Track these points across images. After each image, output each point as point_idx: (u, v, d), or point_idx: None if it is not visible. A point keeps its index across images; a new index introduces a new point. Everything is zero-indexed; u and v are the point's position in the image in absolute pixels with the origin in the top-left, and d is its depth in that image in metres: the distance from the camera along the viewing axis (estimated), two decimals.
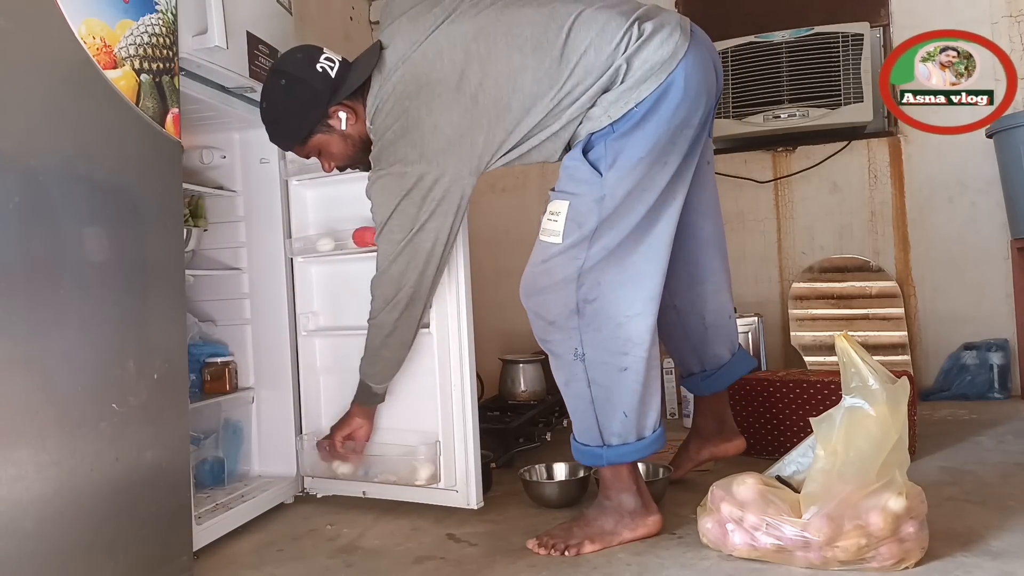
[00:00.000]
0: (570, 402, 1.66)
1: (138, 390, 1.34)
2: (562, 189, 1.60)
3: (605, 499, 1.66)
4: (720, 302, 1.91)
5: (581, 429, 1.67)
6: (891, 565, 1.36)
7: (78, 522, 1.22)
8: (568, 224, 1.57)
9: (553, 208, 1.59)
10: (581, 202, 1.56)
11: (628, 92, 1.54)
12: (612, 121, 1.54)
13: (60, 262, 1.20)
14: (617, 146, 1.54)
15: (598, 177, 1.54)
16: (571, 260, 1.57)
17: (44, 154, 1.18)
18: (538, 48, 1.57)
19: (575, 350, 1.59)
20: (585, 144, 1.57)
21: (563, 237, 1.57)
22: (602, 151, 1.55)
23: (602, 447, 1.63)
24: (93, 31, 1.26)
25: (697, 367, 1.96)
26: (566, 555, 1.55)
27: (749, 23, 3.25)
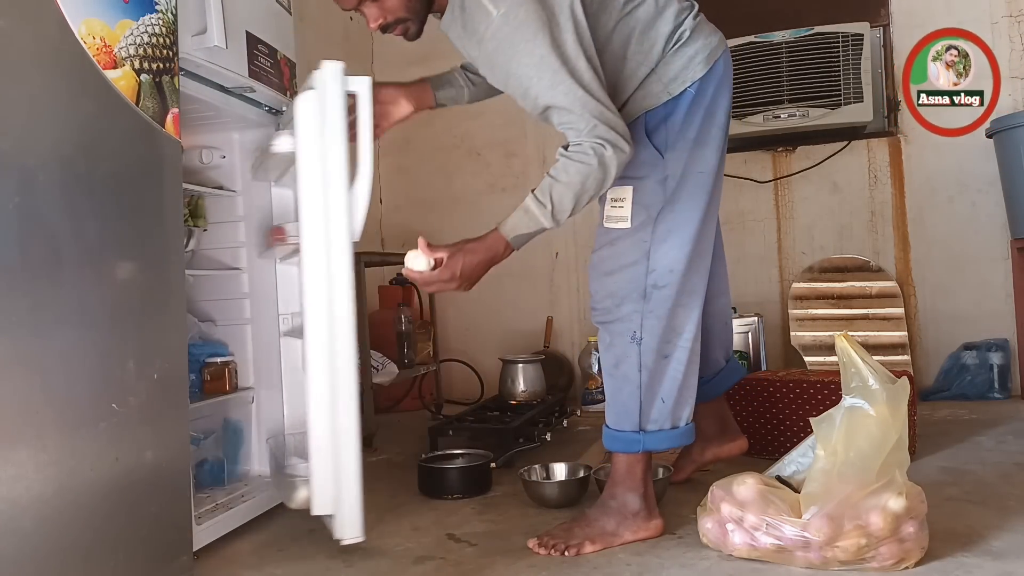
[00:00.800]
0: (615, 384, 1.65)
1: (138, 390, 1.34)
2: (623, 174, 1.53)
3: (610, 499, 1.66)
4: (721, 305, 1.93)
5: (619, 414, 1.65)
6: (891, 565, 1.36)
7: (78, 522, 1.22)
8: (636, 208, 1.58)
9: (616, 195, 1.59)
10: (645, 184, 1.58)
11: (684, 71, 1.57)
12: (670, 97, 1.57)
13: (60, 262, 1.20)
14: (676, 126, 1.57)
15: (660, 159, 1.57)
16: (639, 244, 1.59)
17: (44, 154, 1.18)
18: None
19: (634, 333, 1.60)
20: (646, 125, 1.58)
21: (631, 221, 1.59)
22: (663, 132, 1.57)
23: (639, 432, 1.63)
24: (93, 31, 1.26)
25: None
26: (566, 555, 1.55)
27: (749, 23, 3.24)
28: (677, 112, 1.57)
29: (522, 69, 1.47)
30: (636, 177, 1.58)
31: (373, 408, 2.64)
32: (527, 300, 3.62)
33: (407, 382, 3.30)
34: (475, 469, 2.06)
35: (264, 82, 1.82)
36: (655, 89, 1.58)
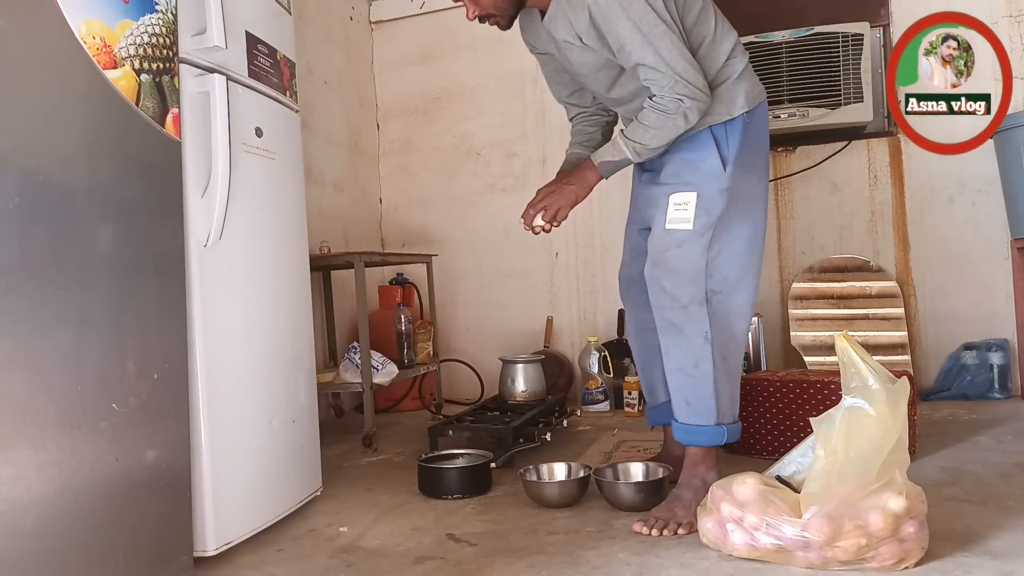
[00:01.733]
0: (691, 383, 1.76)
1: (138, 390, 1.34)
2: (684, 180, 1.75)
3: (693, 477, 1.75)
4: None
5: (699, 411, 1.76)
6: (891, 565, 1.36)
7: (78, 522, 1.22)
8: (698, 212, 1.72)
9: (679, 200, 1.74)
10: (708, 191, 1.73)
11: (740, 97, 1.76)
12: (730, 118, 1.74)
13: (60, 262, 1.20)
14: (735, 145, 1.74)
15: (722, 170, 1.73)
16: (702, 249, 1.73)
17: (44, 154, 1.18)
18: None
19: (706, 334, 1.73)
20: (714, 136, 1.74)
21: (694, 223, 1.72)
22: (725, 148, 1.74)
23: (720, 426, 1.76)
24: (93, 31, 1.26)
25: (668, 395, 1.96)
26: (679, 533, 1.62)
27: (749, 23, 3.24)
28: (734, 133, 1.74)
29: (619, 28, 1.65)
30: (698, 184, 1.74)
31: (373, 408, 2.64)
32: (527, 300, 3.62)
33: (407, 382, 3.30)
34: (475, 469, 2.06)
35: (264, 82, 1.82)
36: (717, 107, 1.74)
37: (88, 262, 1.26)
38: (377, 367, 2.70)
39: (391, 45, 3.87)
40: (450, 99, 3.75)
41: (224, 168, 1.59)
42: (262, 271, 1.80)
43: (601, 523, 1.75)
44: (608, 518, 1.78)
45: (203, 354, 1.57)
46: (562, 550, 1.60)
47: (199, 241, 1.57)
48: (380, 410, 3.24)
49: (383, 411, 3.31)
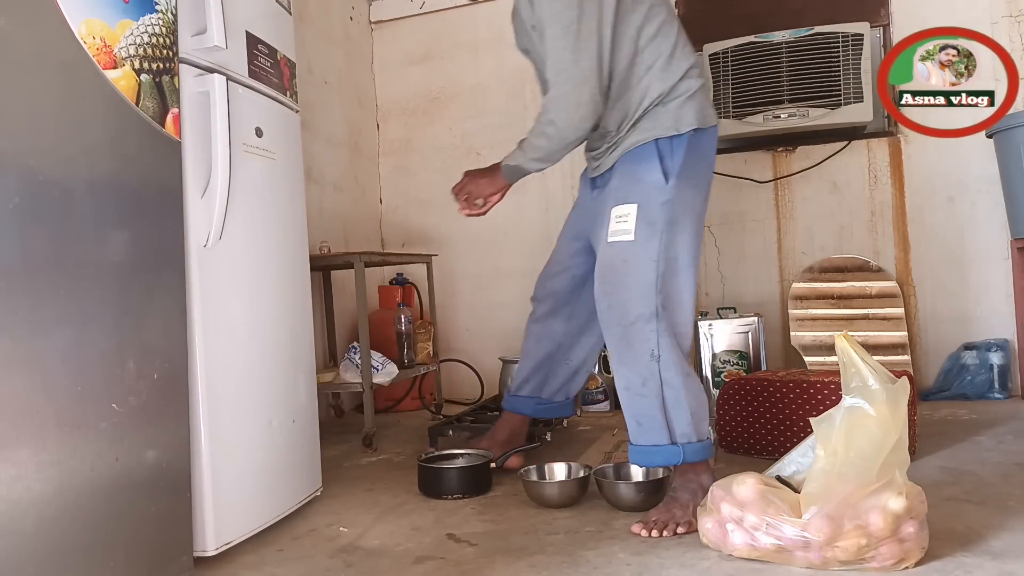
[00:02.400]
0: (640, 402, 1.75)
1: (138, 390, 1.34)
2: (627, 191, 1.76)
3: (688, 481, 1.74)
4: (591, 359, 2.22)
5: (652, 430, 1.74)
6: (891, 565, 1.36)
7: (78, 522, 1.22)
8: (640, 224, 1.72)
9: (620, 212, 1.74)
10: (649, 203, 1.73)
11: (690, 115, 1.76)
12: (677, 134, 1.74)
13: (60, 262, 1.20)
14: (679, 160, 1.74)
15: (665, 183, 1.72)
16: (651, 263, 1.71)
17: (44, 154, 1.18)
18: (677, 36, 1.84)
19: (652, 351, 1.71)
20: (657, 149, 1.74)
21: (635, 235, 1.71)
22: (670, 161, 1.73)
23: (675, 445, 1.73)
24: (93, 31, 1.26)
25: (537, 391, 2.21)
26: (677, 533, 1.62)
27: (749, 23, 3.25)
28: (680, 148, 1.74)
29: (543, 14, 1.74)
30: (642, 195, 1.73)
31: (373, 408, 2.64)
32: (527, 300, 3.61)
33: (407, 382, 3.30)
34: (475, 469, 2.06)
35: (264, 82, 1.82)
36: (666, 121, 1.75)
37: (88, 262, 1.26)
38: (377, 367, 2.70)
39: (391, 45, 3.87)
40: (450, 99, 3.75)
41: (224, 168, 1.59)
42: (262, 271, 1.80)
43: (601, 523, 1.75)
44: (608, 518, 1.78)
45: (203, 354, 1.57)
46: (562, 550, 1.60)
47: (199, 241, 1.57)
48: (380, 410, 3.24)
49: (383, 411, 3.31)
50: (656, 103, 1.76)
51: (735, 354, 3.02)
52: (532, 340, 2.21)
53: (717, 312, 3.11)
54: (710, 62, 3.23)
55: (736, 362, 3.02)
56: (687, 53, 1.85)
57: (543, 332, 2.19)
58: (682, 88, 1.78)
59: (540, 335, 2.20)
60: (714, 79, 3.22)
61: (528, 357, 2.22)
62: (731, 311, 3.09)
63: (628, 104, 1.78)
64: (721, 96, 3.21)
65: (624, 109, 1.79)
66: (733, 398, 2.32)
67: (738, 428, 2.30)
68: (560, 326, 2.16)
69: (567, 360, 2.20)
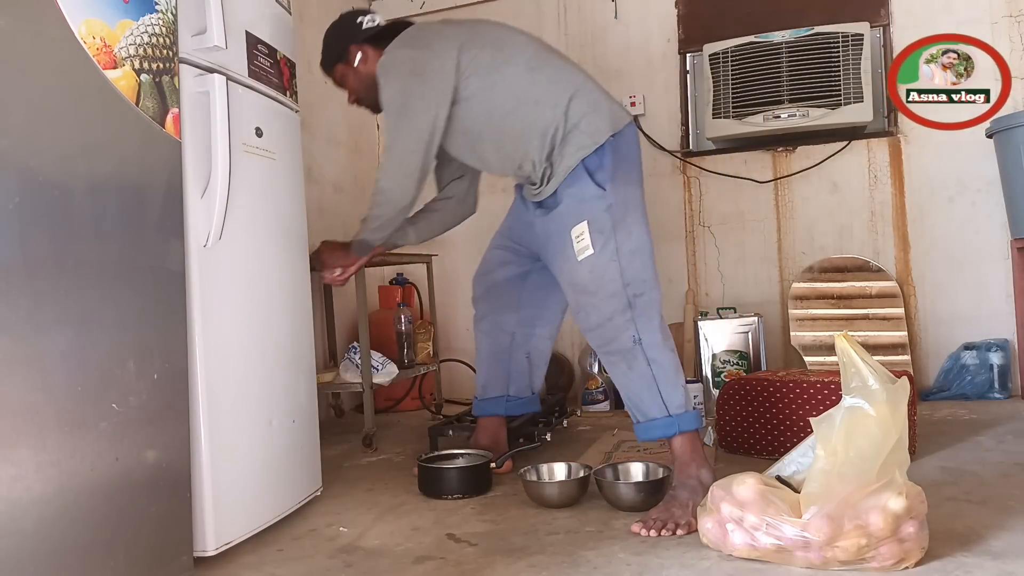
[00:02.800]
0: (632, 383, 1.86)
1: (138, 390, 1.34)
2: (576, 213, 1.87)
3: (687, 478, 1.78)
4: (545, 348, 2.31)
5: (645, 407, 1.85)
6: (891, 565, 1.36)
7: (78, 522, 1.22)
8: (593, 235, 1.84)
9: (576, 232, 1.86)
10: (595, 214, 1.85)
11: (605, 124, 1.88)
12: (597, 145, 1.86)
13: (60, 262, 1.20)
14: (609, 167, 1.86)
15: (602, 191, 1.85)
16: (611, 263, 1.83)
17: (44, 154, 1.18)
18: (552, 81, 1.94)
19: (633, 336, 1.83)
20: (587, 168, 1.86)
21: (593, 247, 1.84)
22: (601, 173, 1.86)
23: (671, 416, 1.82)
24: (93, 31, 1.26)
25: (503, 390, 2.29)
26: (678, 534, 1.62)
27: (749, 23, 3.25)
28: (606, 156, 1.87)
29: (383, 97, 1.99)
30: (588, 211, 1.86)
31: (373, 408, 2.64)
32: None
33: (407, 382, 3.30)
34: (475, 469, 2.06)
35: (264, 82, 1.82)
36: (584, 141, 1.87)
37: (88, 262, 1.26)
38: (377, 367, 2.70)
39: None
40: None
41: (224, 168, 1.59)
42: (262, 271, 1.80)
43: (601, 523, 1.75)
44: (608, 518, 1.78)
45: (203, 354, 1.57)
46: (562, 550, 1.60)
47: (199, 241, 1.57)
48: (380, 410, 3.24)
49: (383, 411, 3.31)
50: (567, 129, 1.88)
51: (735, 354, 3.02)
52: (485, 339, 2.28)
53: (717, 312, 3.11)
54: (710, 62, 3.24)
55: (736, 362, 3.02)
56: (568, 72, 1.95)
57: (494, 328, 2.26)
58: (577, 111, 1.89)
59: (492, 331, 2.26)
60: (714, 79, 3.22)
61: (486, 357, 2.29)
62: (731, 311, 3.09)
63: (542, 140, 1.90)
64: (721, 96, 3.21)
65: (540, 146, 1.91)
66: (733, 398, 2.32)
67: (738, 428, 2.30)
68: (511, 316, 2.24)
69: (526, 352, 2.28)
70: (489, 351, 2.28)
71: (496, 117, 1.94)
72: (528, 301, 2.23)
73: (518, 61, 1.94)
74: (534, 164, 1.93)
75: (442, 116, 1.93)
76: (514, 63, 1.94)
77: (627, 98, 3.47)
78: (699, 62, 3.38)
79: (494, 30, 2.03)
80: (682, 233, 3.44)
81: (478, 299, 2.30)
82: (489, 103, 1.93)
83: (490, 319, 2.27)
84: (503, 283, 2.23)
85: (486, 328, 2.28)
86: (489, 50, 1.94)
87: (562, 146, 1.88)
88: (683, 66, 3.46)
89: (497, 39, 1.98)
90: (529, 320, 2.24)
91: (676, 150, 3.46)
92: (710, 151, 3.42)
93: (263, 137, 1.80)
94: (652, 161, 3.47)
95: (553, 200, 1.94)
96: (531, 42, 2.01)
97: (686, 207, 3.44)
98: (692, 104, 3.46)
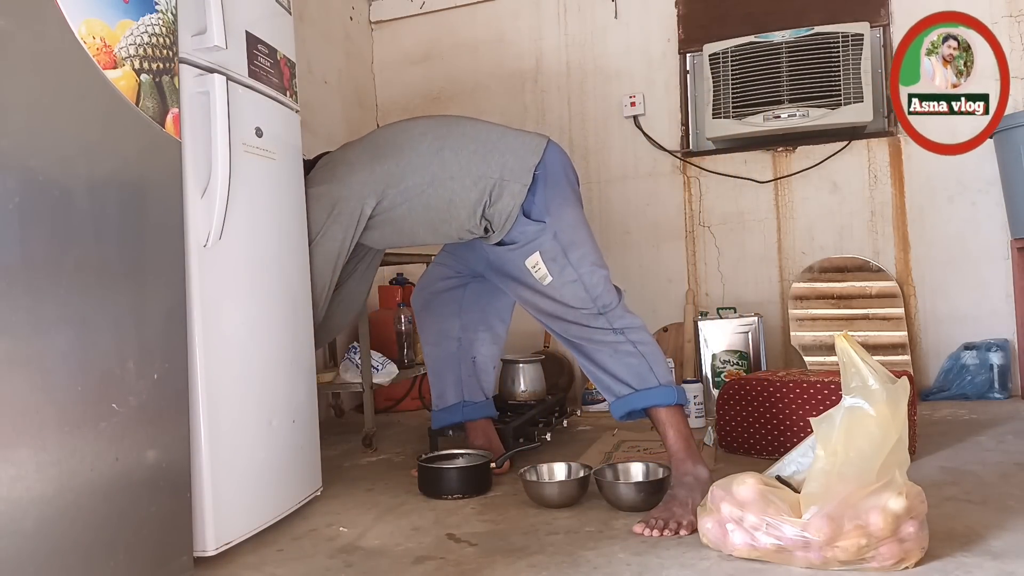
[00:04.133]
0: (621, 361, 1.90)
1: (138, 390, 1.34)
2: (525, 250, 1.95)
3: (684, 476, 1.78)
4: (492, 353, 2.36)
5: (638, 375, 1.88)
6: (891, 565, 1.36)
7: (78, 522, 1.22)
8: (547, 263, 1.93)
9: (529, 263, 1.95)
10: (543, 245, 1.93)
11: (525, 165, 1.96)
12: (525, 187, 1.94)
13: (60, 262, 1.20)
14: (542, 201, 1.95)
15: (543, 224, 1.94)
16: (572, 284, 1.91)
17: (44, 154, 1.18)
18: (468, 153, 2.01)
19: (613, 329, 1.91)
20: (523, 211, 1.95)
21: (551, 275, 1.93)
22: (536, 209, 1.95)
23: (664, 386, 1.87)
24: (93, 31, 1.26)
25: (457, 397, 2.33)
26: (680, 534, 1.62)
27: (749, 23, 3.25)
28: (537, 192, 1.95)
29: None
30: (535, 242, 1.94)
31: (373, 408, 2.64)
32: None
33: (407, 382, 3.30)
34: (475, 469, 2.06)
35: (264, 82, 1.82)
36: (515, 188, 1.95)
37: (88, 262, 1.26)
38: (377, 367, 2.70)
39: (391, 45, 3.87)
40: (450, 99, 3.75)
41: (224, 168, 1.59)
42: (262, 271, 1.80)
43: (601, 523, 1.75)
44: (608, 518, 1.78)
45: (203, 354, 1.57)
46: (562, 550, 1.60)
47: (199, 241, 1.57)
48: (380, 410, 3.24)
49: (383, 411, 3.31)
50: (493, 187, 1.95)
51: (735, 354, 3.02)
52: (434, 349, 2.34)
53: (717, 312, 3.11)
54: (710, 62, 3.24)
55: (736, 362, 3.02)
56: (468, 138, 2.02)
57: (440, 336, 2.32)
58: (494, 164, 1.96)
59: (438, 340, 2.33)
60: (714, 79, 3.22)
61: (437, 367, 2.34)
62: (731, 311, 3.09)
63: (473, 209, 1.97)
64: (721, 96, 3.21)
65: (471, 214, 1.97)
66: (733, 398, 2.32)
67: (738, 428, 2.30)
68: (454, 323, 2.31)
69: (472, 356, 2.33)
70: (438, 360, 2.34)
71: (418, 209, 2.00)
72: (469, 307, 2.30)
73: (420, 151, 2.00)
74: (470, 231, 2.01)
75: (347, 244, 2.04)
76: (418, 153, 2.00)
77: (627, 98, 3.47)
78: (699, 62, 3.38)
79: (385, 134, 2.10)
80: (682, 233, 3.44)
81: (419, 312, 2.38)
82: (409, 203, 1.99)
83: (435, 329, 2.34)
84: (443, 293, 2.32)
85: (433, 339, 2.34)
86: (392, 159, 2.01)
87: (495, 203, 1.95)
88: (683, 66, 3.47)
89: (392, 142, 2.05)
90: (472, 325, 2.31)
91: (676, 150, 3.46)
92: (710, 151, 3.42)
93: (263, 137, 1.80)
94: (652, 161, 3.48)
95: (505, 245, 2.00)
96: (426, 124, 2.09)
97: (686, 207, 3.44)
98: (692, 104, 3.46)
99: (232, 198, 1.62)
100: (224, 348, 1.63)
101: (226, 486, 1.61)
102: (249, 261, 1.75)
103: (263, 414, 1.77)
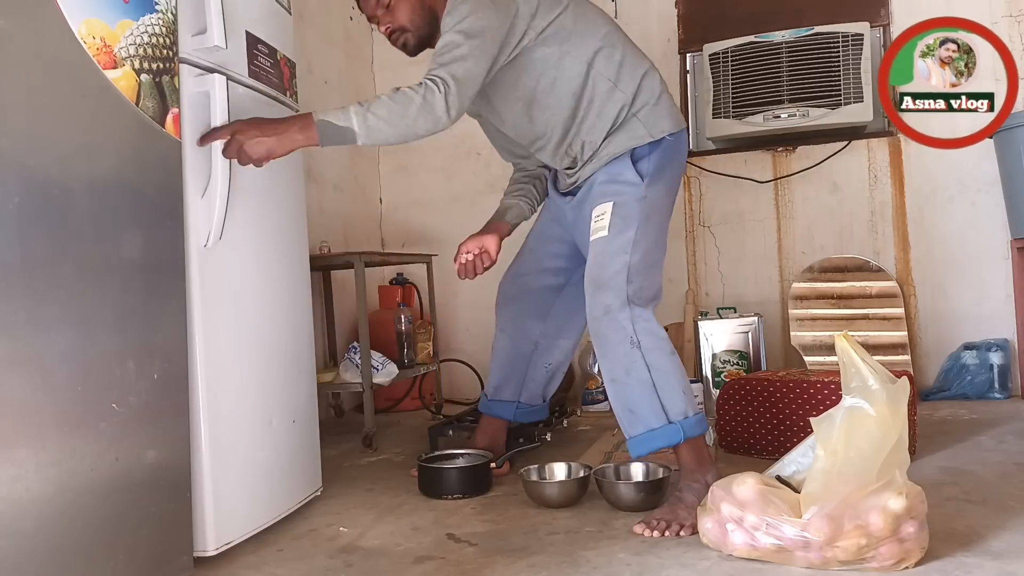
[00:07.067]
0: (630, 391, 1.76)
1: (138, 390, 1.34)
2: (604, 193, 1.82)
3: (694, 481, 1.73)
4: (566, 360, 2.26)
5: (642, 416, 1.75)
6: (891, 565, 1.36)
7: (78, 522, 1.22)
8: (614, 219, 1.77)
9: (598, 211, 1.80)
10: (625, 199, 1.78)
11: (663, 121, 1.83)
12: (653, 139, 1.81)
13: (60, 262, 1.20)
14: (658, 160, 1.81)
15: (640, 181, 1.78)
16: (619, 254, 1.75)
17: (44, 154, 1.18)
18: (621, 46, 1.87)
19: (630, 339, 1.74)
20: (633, 154, 1.81)
21: (609, 230, 1.77)
22: (646, 164, 1.80)
23: (672, 424, 1.73)
24: (93, 31, 1.26)
25: (515, 396, 2.24)
26: (681, 535, 1.61)
27: (749, 23, 3.25)
28: (656, 152, 1.81)
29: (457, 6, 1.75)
30: (615, 194, 1.80)
31: (373, 408, 2.64)
32: None
33: (407, 382, 3.30)
34: (475, 469, 2.06)
35: (264, 82, 1.82)
36: (639, 131, 1.81)
37: (88, 262, 1.26)
38: (377, 367, 2.70)
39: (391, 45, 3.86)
40: None
41: (224, 168, 1.59)
42: (262, 271, 1.80)
43: (601, 523, 1.75)
44: (608, 518, 1.78)
45: (203, 354, 1.57)
46: (562, 550, 1.60)
47: (199, 241, 1.57)
48: (380, 410, 3.24)
49: (383, 411, 3.31)
50: (625, 115, 1.82)
51: (735, 354, 3.02)
52: (508, 341, 2.22)
53: (717, 312, 3.11)
54: (710, 62, 3.24)
55: (736, 362, 3.02)
56: (638, 58, 1.88)
57: (518, 333, 2.20)
58: (645, 96, 1.83)
59: (515, 336, 2.21)
60: (714, 79, 3.22)
61: (504, 359, 2.23)
62: (731, 311, 3.09)
63: (597, 119, 1.83)
64: (721, 96, 3.21)
65: (602, 128, 1.84)
66: (733, 398, 2.32)
67: (738, 428, 2.30)
68: (537, 325, 2.19)
69: (546, 362, 2.22)
70: (509, 354, 2.22)
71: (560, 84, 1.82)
72: (557, 313, 2.17)
73: (595, 33, 1.83)
74: (583, 144, 1.86)
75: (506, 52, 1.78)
76: (591, 34, 1.83)
77: None
78: (699, 62, 3.38)
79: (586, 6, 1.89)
80: (682, 233, 3.44)
81: (507, 299, 2.22)
82: (558, 69, 1.81)
83: (515, 323, 2.20)
84: (537, 291, 2.17)
85: (510, 331, 2.21)
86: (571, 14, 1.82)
87: (617, 131, 1.82)
88: (683, 66, 3.47)
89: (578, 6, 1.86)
90: (555, 331, 2.19)
91: None
92: (710, 151, 3.42)
93: None
94: None
95: (587, 184, 1.89)
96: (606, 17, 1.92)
97: (686, 207, 3.44)
98: (692, 104, 3.46)
99: (232, 198, 1.62)
100: (224, 348, 1.63)
101: (226, 486, 1.61)
102: (249, 261, 1.75)
103: (263, 414, 1.77)
